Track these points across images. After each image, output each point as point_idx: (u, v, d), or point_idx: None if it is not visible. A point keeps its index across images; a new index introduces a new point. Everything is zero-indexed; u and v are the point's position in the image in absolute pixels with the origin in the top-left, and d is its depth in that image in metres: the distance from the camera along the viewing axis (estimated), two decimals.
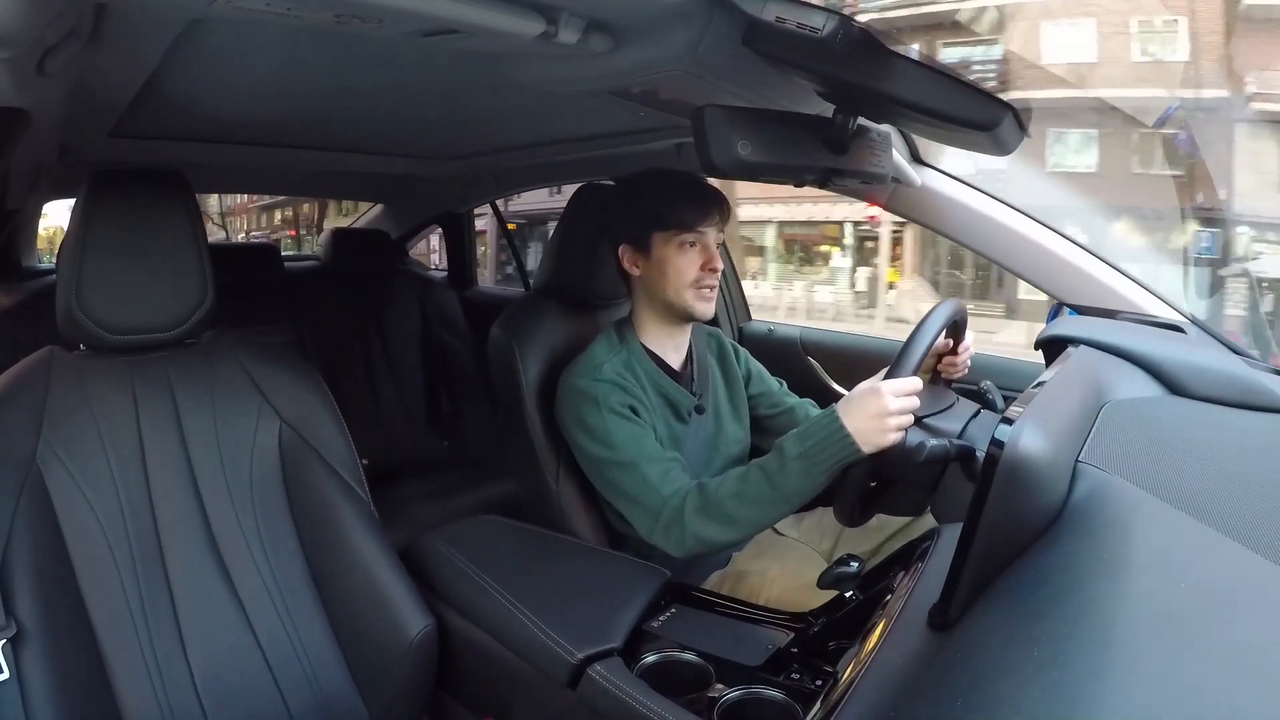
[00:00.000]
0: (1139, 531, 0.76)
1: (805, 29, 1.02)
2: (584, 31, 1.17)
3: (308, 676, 1.47)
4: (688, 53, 1.21)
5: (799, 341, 2.57)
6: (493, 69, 1.41)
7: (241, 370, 1.54)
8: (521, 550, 1.64)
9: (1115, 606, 0.65)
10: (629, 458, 1.56)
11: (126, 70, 1.36)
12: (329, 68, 1.49)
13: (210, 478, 1.49)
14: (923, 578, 1.07)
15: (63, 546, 1.34)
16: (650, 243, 1.67)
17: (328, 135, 2.31)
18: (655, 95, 1.52)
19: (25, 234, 2.93)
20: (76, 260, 1.38)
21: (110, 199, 1.42)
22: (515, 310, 1.85)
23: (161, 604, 1.41)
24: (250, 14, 1.03)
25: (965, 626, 0.76)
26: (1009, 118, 1.19)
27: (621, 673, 1.23)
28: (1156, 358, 1.21)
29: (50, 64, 1.08)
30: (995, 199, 1.71)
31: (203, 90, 1.59)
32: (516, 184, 3.37)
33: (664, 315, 1.73)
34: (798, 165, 1.34)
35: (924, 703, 0.71)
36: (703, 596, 1.49)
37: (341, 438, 1.58)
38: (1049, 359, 1.38)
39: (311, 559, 1.52)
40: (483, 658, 1.42)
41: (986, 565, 0.77)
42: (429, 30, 1.14)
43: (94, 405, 1.43)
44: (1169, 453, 0.94)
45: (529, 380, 1.75)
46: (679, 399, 1.73)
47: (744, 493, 1.45)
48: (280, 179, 3.40)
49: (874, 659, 0.92)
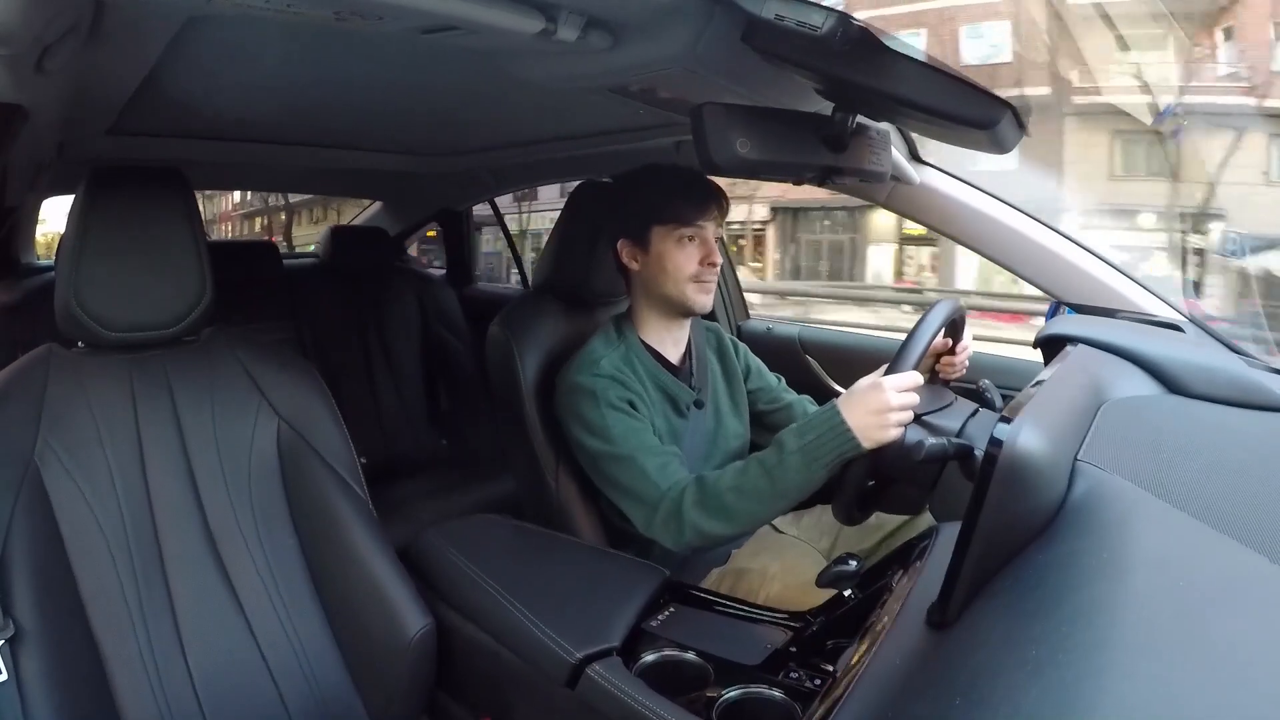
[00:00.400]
0: (1138, 530, 0.76)
1: (804, 26, 1.02)
2: (583, 29, 1.17)
3: (306, 675, 1.47)
4: (687, 50, 1.21)
5: (798, 340, 2.57)
6: (492, 66, 1.41)
7: (240, 368, 1.54)
8: (520, 549, 1.64)
9: (1114, 605, 0.65)
10: (627, 451, 1.56)
11: (125, 67, 1.36)
12: (328, 65, 1.49)
13: (209, 476, 1.49)
14: (921, 576, 1.07)
15: (61, 545, 1.34)
16: (649, 237, 1.67)
17: (327, 132, 2.31)
18: (654, 93, 1.52)
19: (24, 231, 2.93)
20: (75, 258, 1.38)
21: (109, 196, 1.42)
22: (514, 308, 1.86)
23: (160, 603, 1.40)
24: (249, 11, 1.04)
25: (964, 625, 0.76)
26: (1008, 116, 1.19)
27: (620, 672, 1.23)
28: (1155, 356, 1.21)
29: (49, 61, 1.08)
30: (994, 197, 1.71)
31: (202, 87, 1.59)
32: (515, 181, 3.37)
33: (663, 310, 1.73)
34: (796, 163, 1.34)
35: (923, 701, 0.71)
36: (701, 596, 1.48)
37: (340, 436, 1.58)
38: (1048, 358, 1.38)
39: (310, 557, 1.52)
40: (481, 657, 1.42)
41: (985, 564, 0.77)
42: (428, 27, 1.14)
43: (92, 403, 1.43)
44: (1168, 452, 0.94)
45: (528, 378, 1.75)
46: (678, 393, 1.73)
47: (742, 486, 1.45)
48: (279, 176, 3.39)
49: (873, 658, 0.92)
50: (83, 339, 1.44)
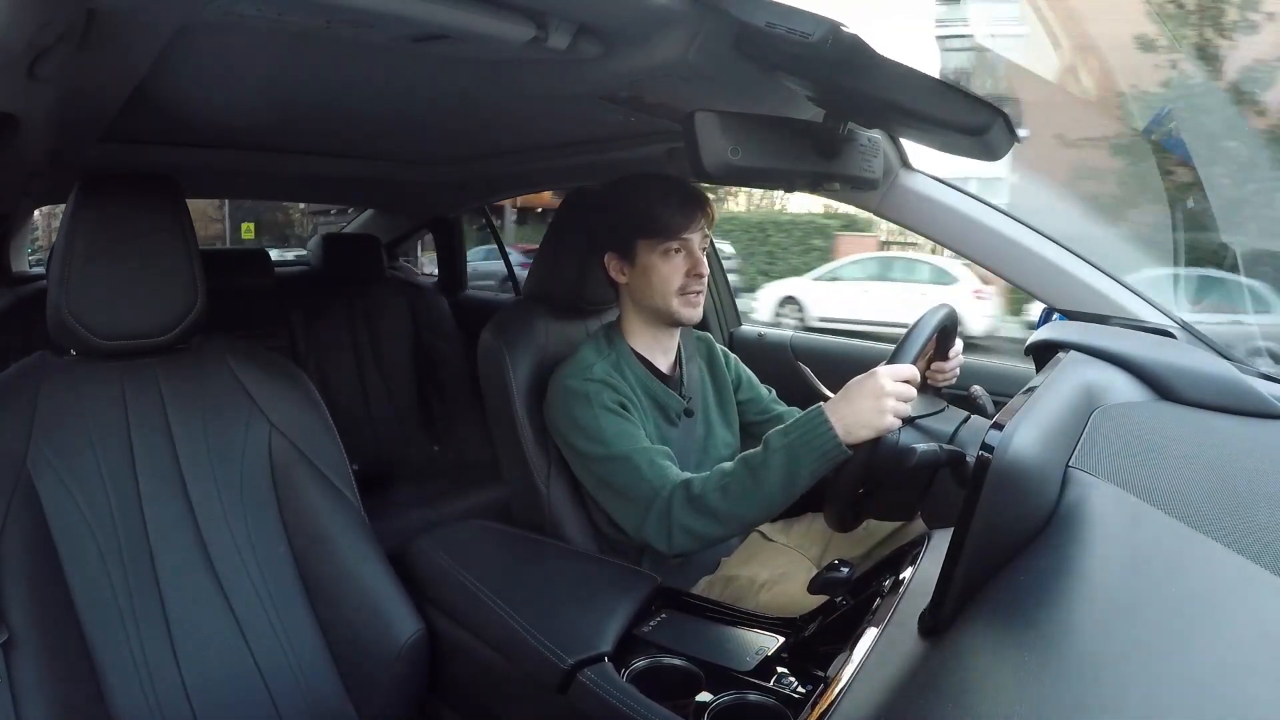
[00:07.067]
0: (1129, 537, 0.76)
1: (796, 34, 1.02)
2: (574, 37, 1.17)
3: (298, 681, 1.47)
4: (678, 57, 1.21)
5: (789, 346, 2.57)
6: (483, 74, 1.41)
7: (231, 376, 1.54)
8: (512, 555, 1.64)
9: (1105, 613, 0.65)
10: (621, 451, 1.56)
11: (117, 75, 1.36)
12: (320, 73, 1.48)
13: (200, 483, 1.48)
14: (913, 583, 1.08)
15: (53, 551, 1.34)
16: (635, 251, 1.67)
17: (318, 140, 2.31)
18: (646, 100, 1.52)
19: (15, 239, 2.93)
20: (66, 265, 1.38)
21: (100, 204, 1.42)
22: (505, 315, 1.85)
23: (152, 609, 1.40)
24: (240, 19, 1.03)
25: (955, 632, 0.76)
26: (999, 122, 1.19)
27: (612, 678, 1.23)
28: (1147, 363, 1.21)
29: (41, 69, 1.08)
30: (985, 203, 1.71)
31: (193, 95, 1.59)
32: (507, 189, 3.38)
33: (651, 320, 1.73)
34: (788, 170, 1.34)
35: (914, 708, 0.71)
36: (693, 601, 1.49)
37: (332, 442, 1.58)
38: (1039, 364, 1.38)
39: (302, 564, 1.52)
40: (473, 663, 1.42)
41: (977, 571, 0.77)
42: (419, 36, 1.14)
43: (84, 410, 1.43)
44: (1159, 458, 0.95)
45: (519, 385, 1.75)
46: (668, 402, 1.73)
47: (728, 486, 1.45)
48: (270, 184, 3.38)
49: (864, 664, 0.92)
50: (75, 347, 1.44)
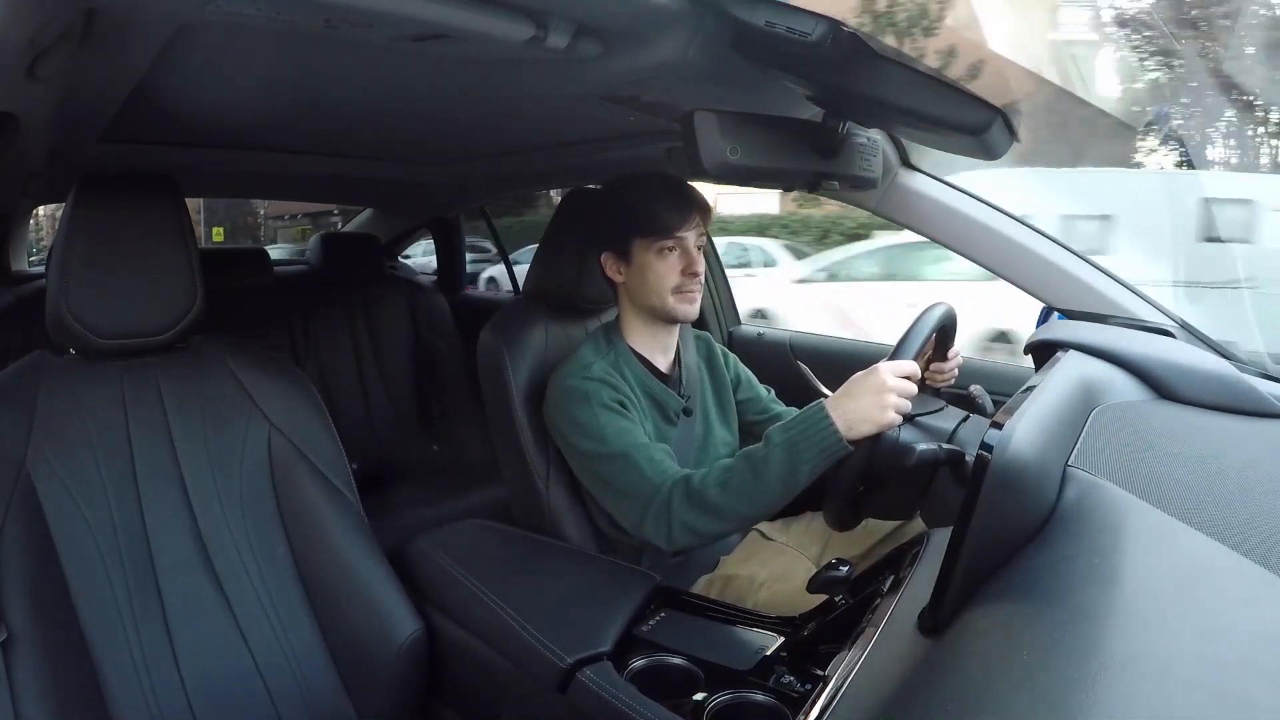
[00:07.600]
0: (1128, 536, 0.76)
1: (795, 34, 1.02)
2: (574, 36, 1.17)
3: (297, 680, 1.47)
4: (678, 57, 1.21)
5: (789, 345, 2.57)
6: (482, 74, 1.41)
7: (230, 375, 1.54)
8: (511, 554, 1.64)
9: (1104, 611, 0.65)
10: (621, 448, 1.56)
11: (117, 74, 1.36)
12: (319, 72, 1.48)
13: (199, 482, 1.48)
14: (912, 582, 1.08)
15: (53, 551, 1.34)
16: (631, 250, 1.67)
17: (318, 139, 2.31)
18: (645, 100, 1.52)
19: (15, 239, 2.93)
20: (66, 265, 1.38)
21: (100, 203, 1.42)
22: (504, 314, 1.85)
23: (151, 608, 1.41)
24: (240, 18, 1.03)
25: (955, 631, 0.76)
26: (998, 121, 1.19)
27: (611, 677, 1.23)
28: (1146, 362, 1.21)
29: (40, 68, 1.08)
30: (984, 203, 1.72)
31: (193, 94, 1.59)
32: (506, 189, 3.38)
33: (649, 319, 1.73)
34: (787, 170, 1.34)
35: (913, 707, 0.71)
36: (692, 600, 1.49)
37: (331, 442, 1.58)
38: (1038, 363, 1.38)
39: (301, 563, 1.52)
40: (472, 662, 1.42)
41: (976, 570, 0.77)
42: (419, 35, 1.14)
43: (84, 409, 1.43)
44: (1158, 457, 0.95)
45: (518, 384, 1.75)
46: (667, 401, 1.73)
47: (728, 482, 1.45)
48: (270, 183, 3.38)
49: (863, 663, 0.92)
50: (74, 346, 1.44)
